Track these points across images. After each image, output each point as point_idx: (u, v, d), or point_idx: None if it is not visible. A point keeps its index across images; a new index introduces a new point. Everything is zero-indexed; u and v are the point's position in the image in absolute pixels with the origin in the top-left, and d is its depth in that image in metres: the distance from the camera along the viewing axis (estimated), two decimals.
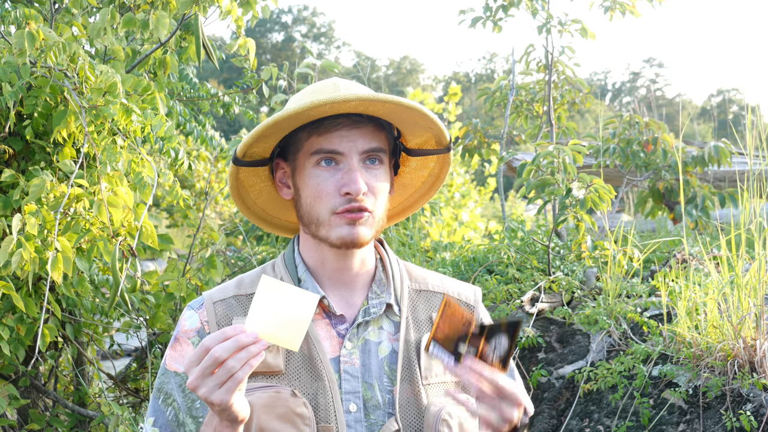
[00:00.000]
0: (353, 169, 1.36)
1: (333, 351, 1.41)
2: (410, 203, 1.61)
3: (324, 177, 1.37)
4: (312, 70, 4.30)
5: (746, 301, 2.57)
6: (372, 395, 1.39)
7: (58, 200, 2.39)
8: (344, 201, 1.36)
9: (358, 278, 1.46)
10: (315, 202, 1.38)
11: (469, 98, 22.92)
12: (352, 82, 1.45)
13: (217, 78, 23.40)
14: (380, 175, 1.40)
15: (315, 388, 1.37)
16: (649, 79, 43.00)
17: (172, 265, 3.30)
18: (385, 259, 1.50)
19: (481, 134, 5.11)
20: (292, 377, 1.37)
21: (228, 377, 1.19)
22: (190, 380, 1.21)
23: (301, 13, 41.84)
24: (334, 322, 1.43)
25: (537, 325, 3.18)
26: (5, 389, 2.73)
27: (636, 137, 4.73)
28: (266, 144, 1.43)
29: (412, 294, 1.49)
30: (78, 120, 2.48)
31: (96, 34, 2.66)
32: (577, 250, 3.56)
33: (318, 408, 1.36)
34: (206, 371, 1.19)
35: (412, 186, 1.58)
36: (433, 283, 1.53)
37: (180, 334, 1.44)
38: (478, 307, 1.54)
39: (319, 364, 1.38)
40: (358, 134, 1.37)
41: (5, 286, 2.35)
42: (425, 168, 1.55)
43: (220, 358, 1.19)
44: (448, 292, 1.52)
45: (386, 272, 1.49)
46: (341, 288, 1.45)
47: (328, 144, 1.36)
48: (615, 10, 4.17)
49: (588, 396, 2.81)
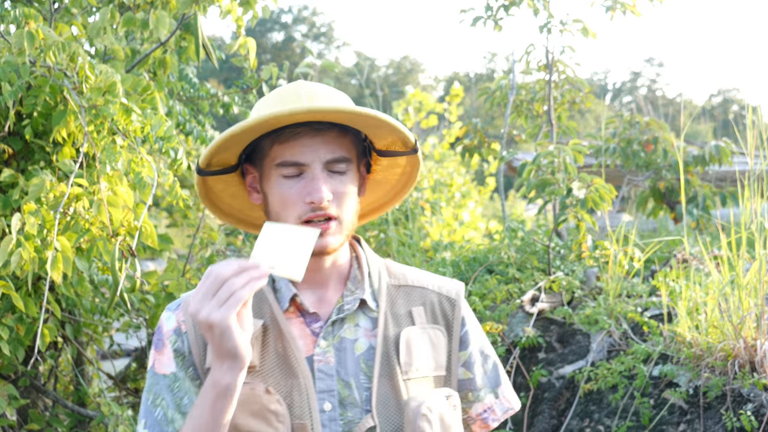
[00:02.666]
0: (316, 178, 1.36)
1: (307, 350, 1.40)
2: (386, 200, 1.61)
3: (288, 186, 1.38)
4: (312, 70, 4.30)
5: (747, 301, 2.57)
6: (348, 393, 1.39)
7: (58, 200, 2.38)
8: (309, 209, 1.37)
9: (331, 277, 1.46)
10: (282, 210, 1.39)
11: (470, 98, 22.92)
12: (317, 87, 1.44)
13: (217, 78, 23.41)
14: (346, 181, 1.40)
15: (290, 385, 1.37)
16: (649, 78, 43.02)
17: (172, 265, 3.30)
18: (361, 256, 1.50)
19: (482, 134, 5.11)
20: (266, 374, 1.37)
21: (229, 295, 1.20)
22: (192, 306, 1.22)
23: (301, 12, 41.85)
24: (309, 320, 1.43)
25: (537, 325, 3.17)
26: (5, 389, 2.72)
27: (636, 137, 4.73)
28: (232, 152, 1.43)
29: (391, 289, 1.49)
30: (77, 119, 2.48)
31: (96, 33, 2.65)
32: (577, 249, 3.55)
33: (293, 405, 1.36)
34: (209, 291, 1.21)
35: (387, 182, 1.58)
36: (412, 277, 1.53)
37: (161, 336, 1.45)
38: (460, 300, 1.53)
39: (294, 362, 1.38)
40: (320, 142, 1.37)
41: (5, 285, 2.35)
42: (397, 166, 1.55)
43: (221, 276, 1.21)
44: (428, 287, 1.52)
45: (361, 269, 1.49)
46: (315, 287, 1.45)
47: (290, 155, 1.37)
48: (616, 9, 4.16)
49: (588, 396, 2.81)
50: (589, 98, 4.62)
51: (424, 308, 1.49)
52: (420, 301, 1.50)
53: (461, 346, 1.51)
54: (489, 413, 1.52)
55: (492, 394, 1.53)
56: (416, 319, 1.47)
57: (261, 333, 1.40)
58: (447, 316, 1.50)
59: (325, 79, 4.37)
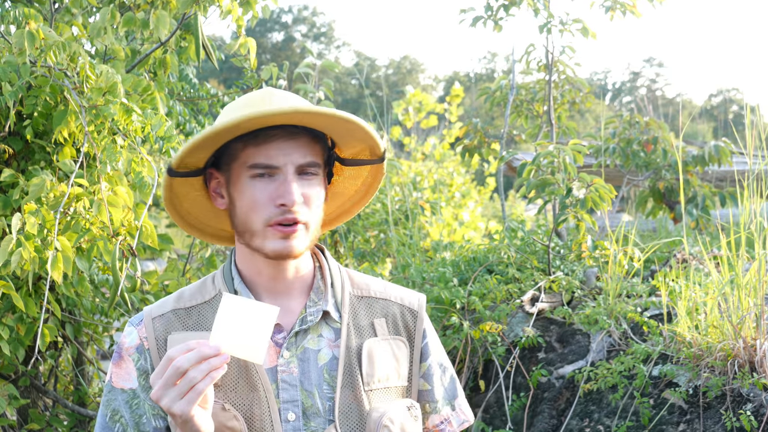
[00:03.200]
0: (289, 181, 1.36)
1: (270, 361, 1.40)
2: (342, 211, 1.61)
3: (259, 188, 1.37)
4: (312, 70, 4.30)
5: (746, 301, 2.57)
6: (312, 403, 1.39)
7: (58, 200, 2.39)
8: (278, 212, 1.36)
9: (294, 286, 1.46)
10: (250, 213, 1.38)
11: (470, 98, 22.91)
12: (287, 93, 1.44)
13: (217, 78, 23.40)
14: (314, 186, 1.40)
15: (250, 399, 1.37)
16: (649, 78, 43.01)
17: (172, 265, 3.30)
18: (324, 266, 1.50)
19: (481, 134, 5.11)
20: (228, 390, 1.38)
21: (189, 388, 1.20)
22: (154, 391, 1.22)
23: (301, 12, 41.84)
24: (272, 332, 1.42)
25: (537, 325, 3.18)
26: (5, 389, 2.72)
27: (636, 137, 4.73)
28: (201, 154, 1.42)
29: (354, 300, 1.48)
30: (78, 119, 2.48)
31: (96, 33, 2.66)
32: (577, 249, 3.56)
33: (253, 419, 1.36)
34: (169, 381, 1.21)
35: (343, 195, 1.57)
36: (375, 288, 1.52)
37: (122, 350, 1.45)
38: (421, 312, 1.53)
39: (254, 375, 1.38)
40: (293, 146, 1.37)
41: (5, 285, 2.35)
42: (359, 177, 1.55)
43: (181, 368, 1.20)
44: (390, 298, 1.52)
45: (324, 280, 1.48)
46: (278, 297, 1.45)
47: (264, 158, 1.36)
48: (616, 9, 4.17)
49: (588, 396, 2.81)
50: (589, 98, 4.63)
51: (386, 320, 1.49)
52: (382, 312, 1.50)
53: (421, 357, 1.52)
54: (446, 425, 1.54)
55: (449, 406, 1.54)
56: (378, 331, 1.47)
57: None
58: (409, 328, 1.51)
59: (326, 80, 4.38)
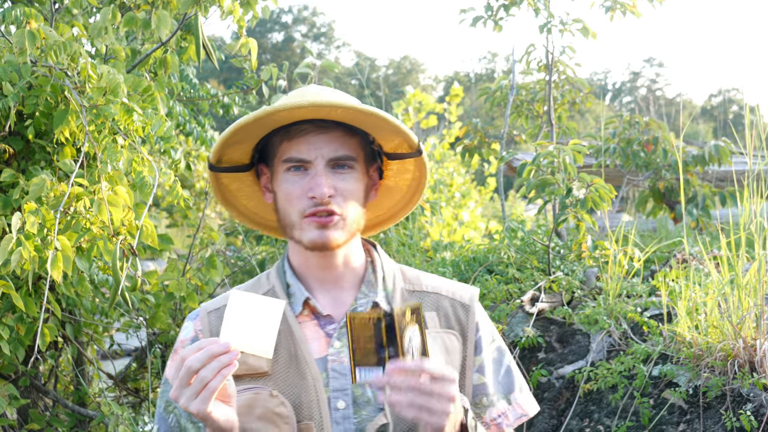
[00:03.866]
0: (318, 174, 1.40)
1: (321, 351, 1.44)
2: (399, 208, 1.63)
3: (293, 181, 1.42)
4: (312, 70, 4.30)
5: (746, 301, 2.57)
6: (362, 392, 1.41)
7: (58, 199, 2.39)
8: (311, 204, 1.40)
9: (345, 278, 1.49)
10: (287, 205, 1.43)
11: (470, 98, 22.92)
12: (325, 89, 1.47)
13: (217, 78, 23.40)
14: (349, 179, 1.43)
15: (299, 387, 1.40)
16: (649, 78, 43.00)
17: (172, 265, 3.30)
18: (376, 260, 1.53)
19: (482, 134, 5.11)
20: (277, 378, 1.41)
21: (202, 387, 1.23)
22: (172, 391, 1.26)
23: (301, 13, 41.84)
24: (323, 322, 1.46)
25: (537, 325, 3.18)
26: (5, 389, 2.72)
27: (636, 137, 4.73)
28: (242, 149, 1.48)
29: (405, 294, 1.51)
30: (79, 119, 2.48)
31: (97, 33, 2.66)
32: (577, 249, 3.56)
33: (301, 406, 1.39)
34: (183, 381, 1.24)
35: (398, 189, 1.60)
36: (426, 283, 1.55)
37: (178, 344, 1.51)
38: (473, 305, 1.54)
39: (303, 364, 1.41)
40: (324, 140, 1.41)
41: (5, 285, 2.35)
42: (407, 171, 1.57)
43: (192, 368, 1.23)
44: (442, 293, 1.53)
45: (375, 273, 1.51)
46: (329, 288, 1.48)
47: (296, 152, 1.41)
48: (616, 9, 4.17)
49: (588, 396, 2.81)
50: (589, 98, 4.63)
51: (437, 313, 1.51)
52: (433, 306, 1.51)
53: (475, 351, 1.52)
54: (502, 419, 1.53)
55: (504, 400, 1.54)
56: (429, 324, 1.49)
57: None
58: (461, 322, 1.52)
59: (325, 80, 4.37)
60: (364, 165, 1.47)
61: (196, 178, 7.87)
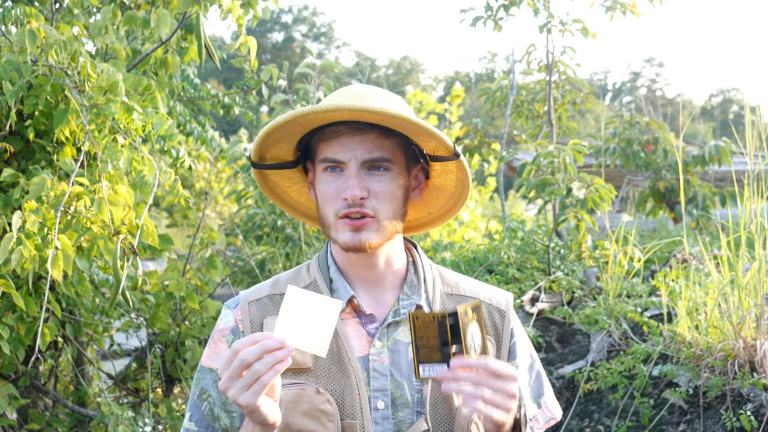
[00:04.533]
0: (351, 176, 1.41)
1: (362, 350, 1.45)
2: (450, 206, 1.63)
3: (329, 182, 1.43)
4: (312, 70, 4.30)
5: (746, 301, 2.57)
6: (401, 393, 1.42)
7: (59, 198, 2.39)
8: (344, 205, 1.41)
9: (386, 278, 1.49)
10: (323, 205, 1.44)
11: (470, 98, 22.91)
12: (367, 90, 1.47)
13: (217, 78, 23.40)
14: (384, 181, 1.43)
15: (342, 385, 1.41)
16: (649, 78, 43.01)
17: (172, 265, 3.30)
18: (418, 262, 1.53)
19: (482, 134, 5.11)
20: (320, 375, 1.42)
21: (254, 380, 1.23)
22: (221, 382, 1.25)
23: (301, 13, 41.84)
24: (365, 321, 1.47)
25: (537, 325, 3.18)
26: (5, 389, 2.72)
27: (637, 137, 4.73)
28: (285, 147, 1.50)
29: (444, 298, 1.52)
30: (79, 118, 2.48)
31: (97, 32, 2.66)
32: (577, 250, 3.56)
33: (344, 404, 1.40)
34: (234, 373, 1.24)
35: (446, 189, 1.59)
36: (465, 287, 1.55)
37: (216, 332, 1.50)
38: (509, 312, 1.55)
39: (346, 362, 1.42)
40: (358, 142, 1.41)
41: (5, 284, 2.35)
42: (450, 172, 1.56)
43: (246, 361, 1.23)
44: (479, 297, 1.54)
45: (417, 275, 1.52)
46: (371, 288, 1.49)
47: (331, 153, 1.42)
48: (616, 9, 4.17)
49: (588, 396, 2.81)
50: (589, 99, 4.63)
51: None
52: None
53: (510, 356, 1.53)
54: (534, 422, 1.54)
55: (535, 404, 1.56)
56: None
57: None
58: (497, 327, 1.53)
59: (325, 80, 4.38)
60: (404, 166, 1.47)
61: (196, 178, 7.87)
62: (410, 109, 1.50)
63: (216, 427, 1.47)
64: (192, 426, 1.48)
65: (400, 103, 1.49)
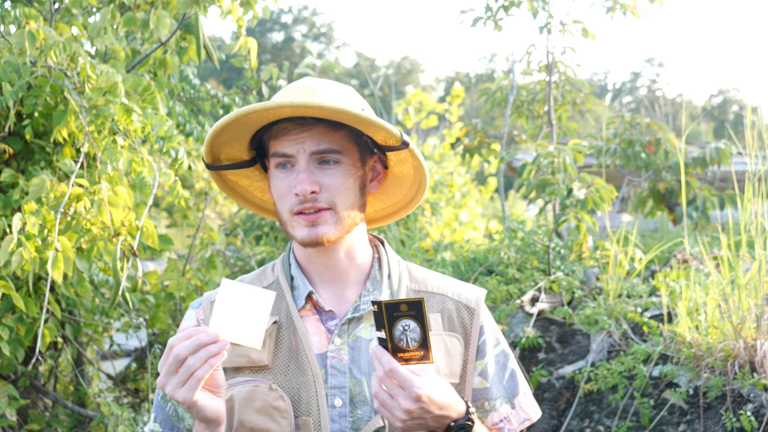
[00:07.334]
0: (301, 171, 1.40)
1: (321, 346, 1.43)
2: (412, 196, 1.61)
3: (281, 178, 1.42)
4: (312, 70, 4.30)
5: (747, 301, 2.57)
6: (360, 390, 1.41)
7: (59, 200, 2.38)
8: (297, 201, 1.40)
9: (349, 274, 1.48)
10: (278, 203, 1.44)
11: (470, 98, 22.91)
12: (315, 83, 1.46)
13: (217, 78, 23.39)
14: (336, 174, 1.41)
15: (299, 382, 1.40)
16: (649, 79, 43.00)
17: (172, 265, 3.30)
18: (383, 258, 1.52)
19: (482, 134, 5.11)
20: (277, 372, 1.41)
21: (189, 375, 1.23)
22: (159, 378, 1.26)
23: (301, 13, 41.82)
24: (324, 317, 1.46)
25: (537, 325, 3.17)
26: (5, 389, 2.72)
27: (638, 138, 4.73)
28: (236, 147, 1.48)
29: (410, 294, 1.50)
30: (78, 119, 2.48)
31: (96, 33, 2.65)
32: (577, 250, 3.56)
33: (300, 402, 1.39)
34: (170, 369, 1.24)
35: (406, 178, 1.57)
36: (433, 284, 1.53)
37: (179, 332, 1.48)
38: (479, 309, 1.52)
39: (304, 359, 1.41)
40: (306, 136, 1.40)
41: (5, 285, 2.35)
42: (406, 161, 1.54)
43: (180, 356, 1.23)
44: (447, 294, 1.52)
45: (381, 270, 1.50)
46: (333, 284, 1.47)
47: (280, 148, 1.41)
48: (616, 10, 4.17)
49: (588, 396, 2.81)
50: (589, 99, 4.63)
51: (442, 315, 1.49)
52: (438, 308, 1.50)
53: (478, 355, 1.51)
54: (505, 423, 1.51)
55: (508, 404, 1.52)
56: (432, 326, 1.48)
57: (275, 330, 1.43)
58: (465, 325, 1.50)
59: None
60: (358, 157, 1.45)
61: (196, 178, 7.86)
62: (359, 101, 1.48)
63: (181, 427, 1.46)
64: (156, 427, 1.48)
65: (346, 95, 1.47)
